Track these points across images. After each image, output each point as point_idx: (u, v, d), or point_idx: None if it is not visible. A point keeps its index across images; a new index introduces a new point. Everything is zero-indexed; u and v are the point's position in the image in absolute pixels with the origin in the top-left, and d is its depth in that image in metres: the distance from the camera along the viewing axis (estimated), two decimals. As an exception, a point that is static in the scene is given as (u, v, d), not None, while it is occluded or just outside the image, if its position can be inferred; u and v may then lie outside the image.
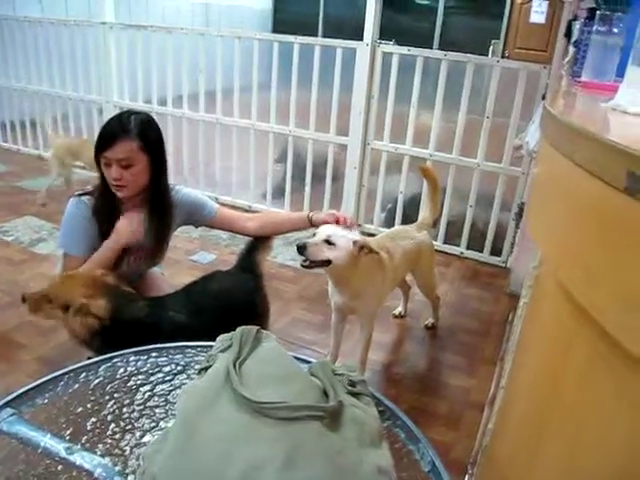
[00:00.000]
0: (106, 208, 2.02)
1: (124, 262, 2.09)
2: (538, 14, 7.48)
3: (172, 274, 2.46)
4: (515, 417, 0.99)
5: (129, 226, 1.99)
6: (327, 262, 2.01)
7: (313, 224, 2.13)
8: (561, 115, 0.77)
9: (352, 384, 0.85)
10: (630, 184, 0.54)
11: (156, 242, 2.13)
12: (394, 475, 0.73)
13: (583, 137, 0.65)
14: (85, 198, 2.02)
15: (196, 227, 2.35)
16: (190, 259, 3.43)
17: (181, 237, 3.55)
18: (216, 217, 2.23)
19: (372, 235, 2.88)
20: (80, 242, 2.01)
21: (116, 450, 0.83)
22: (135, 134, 1.95)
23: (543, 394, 0.81)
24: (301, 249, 1.97)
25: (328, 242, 1.99)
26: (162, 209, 2.09)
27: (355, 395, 0.84)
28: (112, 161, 1.93)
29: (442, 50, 3.71)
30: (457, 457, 2.02)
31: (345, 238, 2.01)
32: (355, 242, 2.01)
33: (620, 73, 1.46)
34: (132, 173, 1.96)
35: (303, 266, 2.02)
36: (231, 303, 1.99)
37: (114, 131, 1.95)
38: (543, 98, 2.68)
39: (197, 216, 2.22)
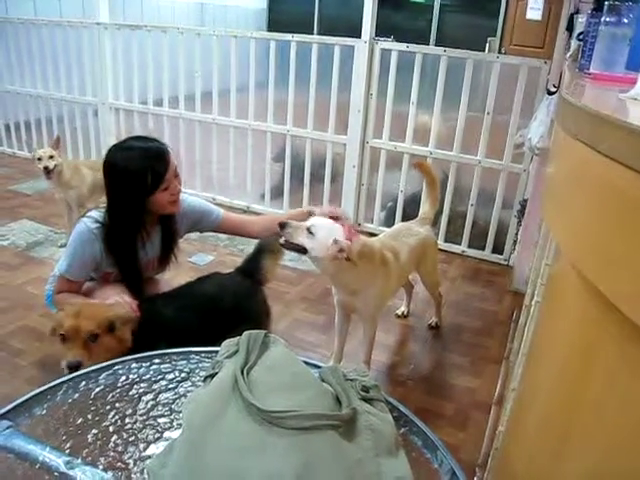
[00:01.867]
0: (123, 241, 2.00)
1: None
2: (534, 10, 7.43)
3: (171, 276, 2.41)
4: (533, 419, 0.96)
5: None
6: (303, 250, 1.97)
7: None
8: (586, 105, 0.73)
9: (365, 389, 0.81)
10: (667, 174, 0.51)
11: (166, 252, 2.16)
12: (414, 486, 0.70)
13: (613, 126, 0.61)
14: (94, 228, 1.98)
15: (201, 233, 2.39)
16: (189, 260, 3.39)
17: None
18: (222, 223, 2.27)
19: (373, 235, 2.84)
20: (83, 270, 2.02)
21: (119, 463, 0.79)
22: (167, 147, 2.01)
23: (567, 394, 0.77)
24: (282, 226, 1.96)
25: (309, 230, 1.95)
26: (171, 220, 2.12)
27: (368, 401, 0.80)
28: (171, 177, 1.96)
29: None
30: (465, 459, 1.98)
31: (327, 234, 1.95)
32: (336, 241, 1.93)
33: (630, 65, 1.43)
34: (180, 181, 2.04)
35: (280, 244, 2.00)
36: (220, 306, 1.99)
37: (160, 153, 1.96)
38: (549, 93, 2.64)
39: (203, 223, 2.26)
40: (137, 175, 1.89)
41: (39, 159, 3.31)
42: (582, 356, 0.72)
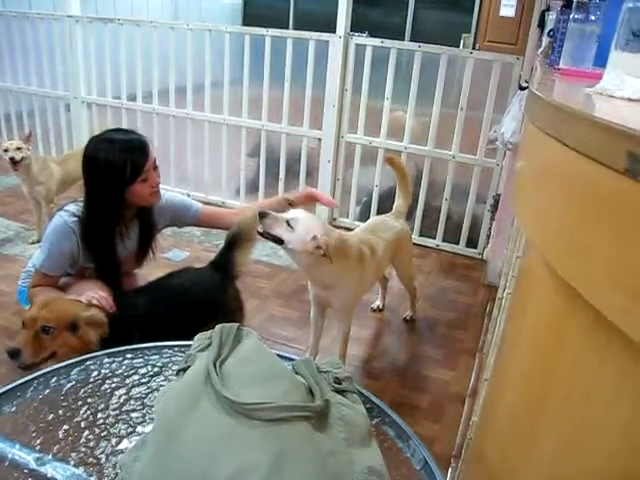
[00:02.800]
0: (101, 234, 1.99)
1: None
2: (507, 7, 7.54)
3: (146, 272, 2.39)
4: (504, 410, 0.97)
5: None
6: (280, 241, 1.97)
7: (293, 205, 2.14)
8: (553, 99, 0.74)
9: (338, 381, 0.82)
10: (630, 165, 0.52)
11: (144, 247, 2.17)
12: (387, 475, 0.70)
13: (578, 119, 0.62)
14: (71, 222, 1.96)
15: (180, 227, 2.42)
16: (164, 257, 3.36)
17: (154, 235, 3.47)
18: (201, 217, 2.28)
19: (349, 229, 2.85)
20: (60, 264, 2.00)
21: (91, 459, 0.78)
22: (146, 139, 2.01)
23: (535, 385, 0.79)
24: (262, 216, 1.96)
25: (288, 224, 1.95)
26: (149, 215, 2.12)
27: (341, 392, 0.81)
28: (150, 168, 1.96)
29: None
30: (440, 450, 2.00)
31: (306, 228, 1.95)
32: (314, 238, 1.94)
33: (597, 62, 1.46)
34: (158, 174, 2.04)
35: (258, 232, 2.00)
36: (191, 300, 1.99)
37: (139, 145, 1.96)
38: (520, 88, 2.68)
39: (181, 218, 2.27)
40: (116, 166, 1.89)
41: (5, 150, 3.25)
42: (550, 345, 0.74)
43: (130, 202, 1.98)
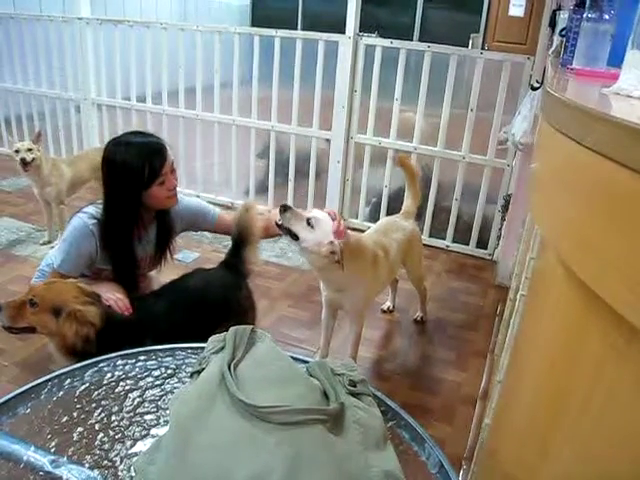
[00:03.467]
0: (120, 237, 2.00)
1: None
2: (517, 7, 7.51)
3: (158, 274, 2.40)
4: (520, 413, 0.96)
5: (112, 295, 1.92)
6: (296, 237, 1.98)
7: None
8: (571, 100, 0.74)
9: (352, 384, 0.81)
10: (651, 166, 0.51)
11: (161, 250, 2.18)
12: (403, 478, 0.70)
13: (597, 120, 0.62)
14: (90, 223, 1.97)
15: (196, 232, 2.46)
16: (174, 258, 3.36)
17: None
18: (218, 223, 2.29)
19: (361, 231, 2.84)
20: (77, 265, 2.01)
21: (105, 462, 0.78)
22: (164, 142, 2.02)
23: (552, 387, 0.78)
24: (284, 209, 1.98)
25: (308, 222, 1.96)
26: (167, 218, 2.13)
27: (356, 395, 0.80)
28: (167, 172, 1.97)
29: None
30: (452, 452, 1.98)
31: (326, 231, 1.95)
32: (331, 242, 1.94)
33: (611, 61, 1.44)
34: (176, 177, 2.05)
35: (276, 224, 2.01)
36: (204, 300, 1.99)
37: (157, 148, 1.98)
38: (532, 89, 2.66)
39: (198, 224, 2.29)
40: (134, 169, 1.90)
41: (16, 151, 3.27)
42: (568, 347, 0.73)
43: (148, 205, 1.98)
